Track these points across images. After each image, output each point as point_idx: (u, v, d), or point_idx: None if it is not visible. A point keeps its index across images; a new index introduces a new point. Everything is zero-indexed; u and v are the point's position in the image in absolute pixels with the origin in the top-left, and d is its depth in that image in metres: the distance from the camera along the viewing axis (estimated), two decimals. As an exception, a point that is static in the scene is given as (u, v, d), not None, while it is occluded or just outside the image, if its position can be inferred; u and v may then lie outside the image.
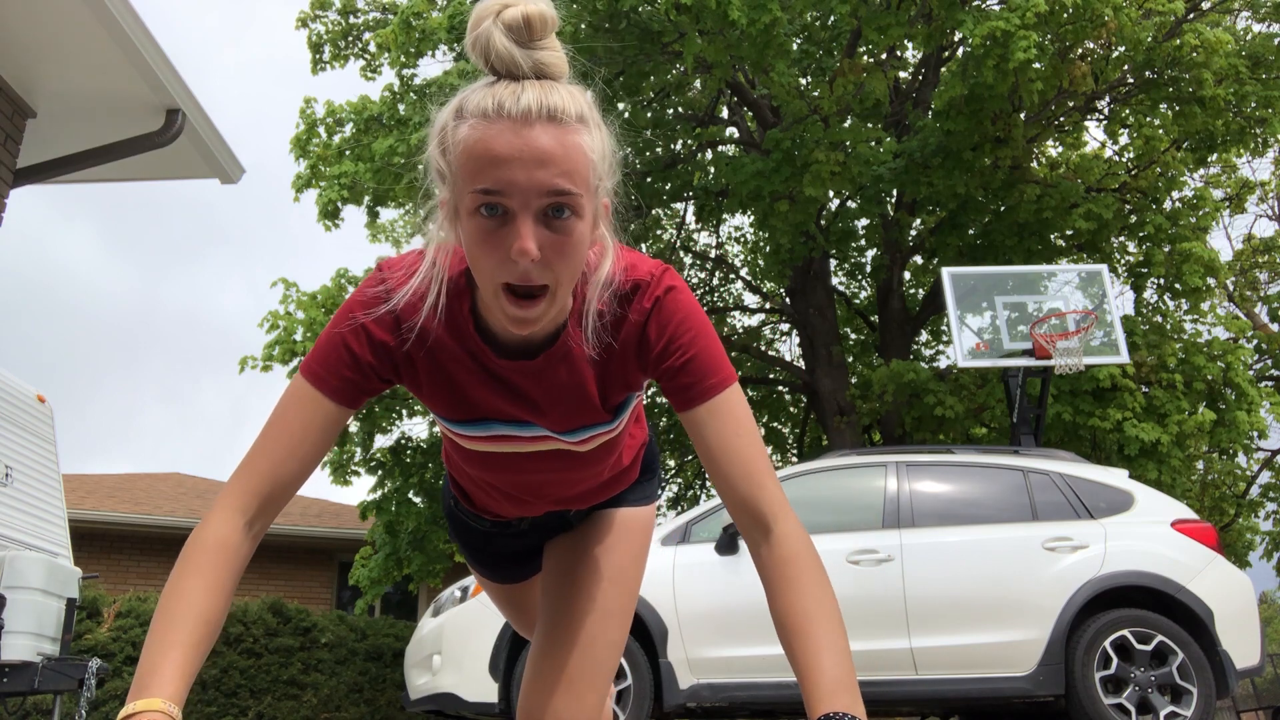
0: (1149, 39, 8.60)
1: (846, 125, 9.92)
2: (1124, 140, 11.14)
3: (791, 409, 13.77)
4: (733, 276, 13.94)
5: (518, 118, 0.95)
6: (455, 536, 1.60)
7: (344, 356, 1.11)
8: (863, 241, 12.63)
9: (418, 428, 10.62)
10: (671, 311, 1.13)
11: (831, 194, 10.57)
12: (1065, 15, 7.97)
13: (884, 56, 10.73)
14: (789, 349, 14.33)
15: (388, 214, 12.82)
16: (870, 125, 10.17)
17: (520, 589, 1.64)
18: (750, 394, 13.88)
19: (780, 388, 13.08)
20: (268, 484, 1.07)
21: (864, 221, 12.10)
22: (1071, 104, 10.10)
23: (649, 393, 11.51)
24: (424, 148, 1.08)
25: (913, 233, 11.41)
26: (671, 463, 13.16)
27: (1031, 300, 7.54)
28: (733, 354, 12.49)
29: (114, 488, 13.79)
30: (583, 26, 8.96)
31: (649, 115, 10.76)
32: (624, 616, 1.41)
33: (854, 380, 11.04)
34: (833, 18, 9.99)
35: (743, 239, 14.37)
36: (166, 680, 0.91)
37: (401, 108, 10.12)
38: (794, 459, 13.65)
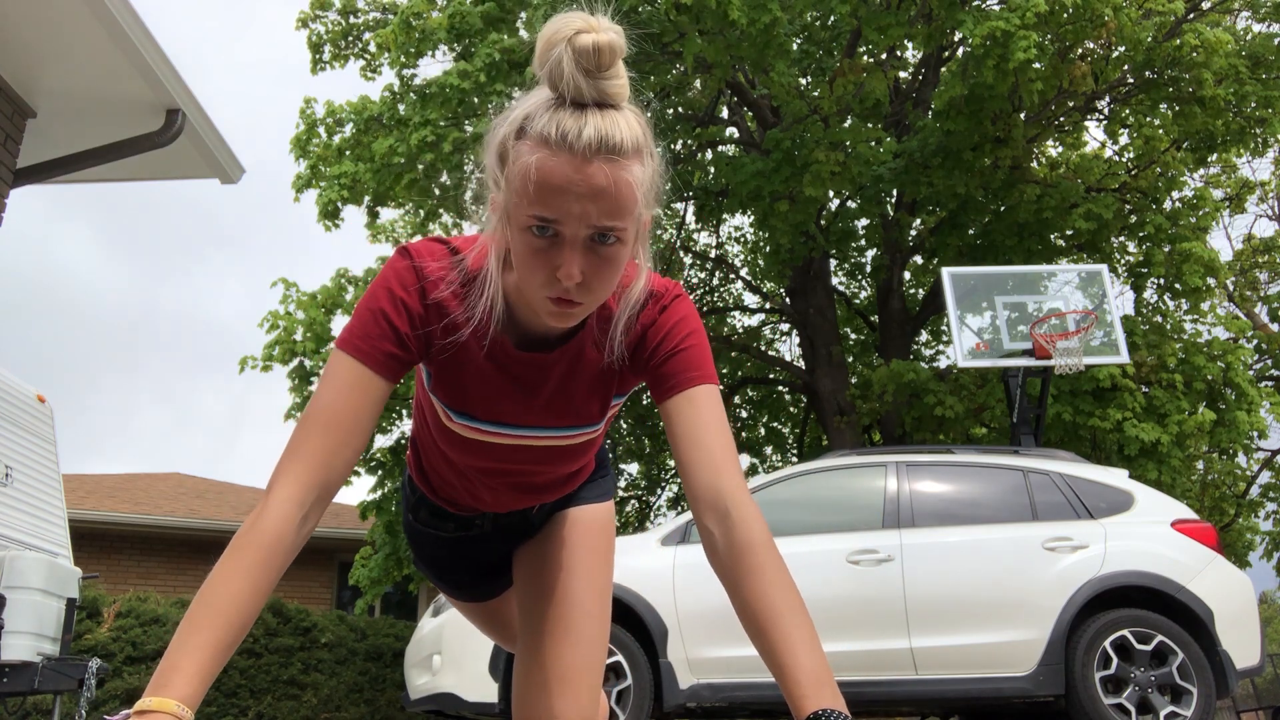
0: (1149, 39, 8.60)
1: (846, 125, 9.92)
2: (1124, 140, 11.15)
3: (791, 409, 13.77)
4: (733, 276, 13.94)
5: (579, 153, 0.99)
6: (419, 559, 1.60)
7: (385, 330, 1.12)
8: (863, 241, 12.63)
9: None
10: (673, 312, 1.21)
11: (831, 194, 10.57)
12: (1065, 15, 7.97)
13: (884, 56, 10.73)
14: (789, 349, 14.33)
15: (388, 214, 12.83)
16: (870, 125, 10.16)
17: (492, 607, 1.64)
18: (750, 394, 13.88)
19: (780, 388, 13.08)
20: (323, 473, 1.05)
21: (864, 221, 12.11)
22: (1071, 104, 10.10)
23: (644, 399, 11.45)
24: (478, 150, 1.16)
25: (913, 233, 11.41)
26: (672, 462, 13.15)
27: (1031, 300, 7.53)
28: (733, 354, 12.49)
29: (114, 488, 13.80)
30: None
31: (649, 115, 10.74)
32: (603, 613, 1.43)
33: (854, 380, 11.04)
34: (833, 18, 10.00)
35: (743, 239, 14.38)
36: (186, 680, 0.89)
37: (401, 108, 10.11)
38: (794, 459, 13.65)
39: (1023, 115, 9.59)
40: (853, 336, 13.54)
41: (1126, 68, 9.23)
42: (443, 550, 1.54)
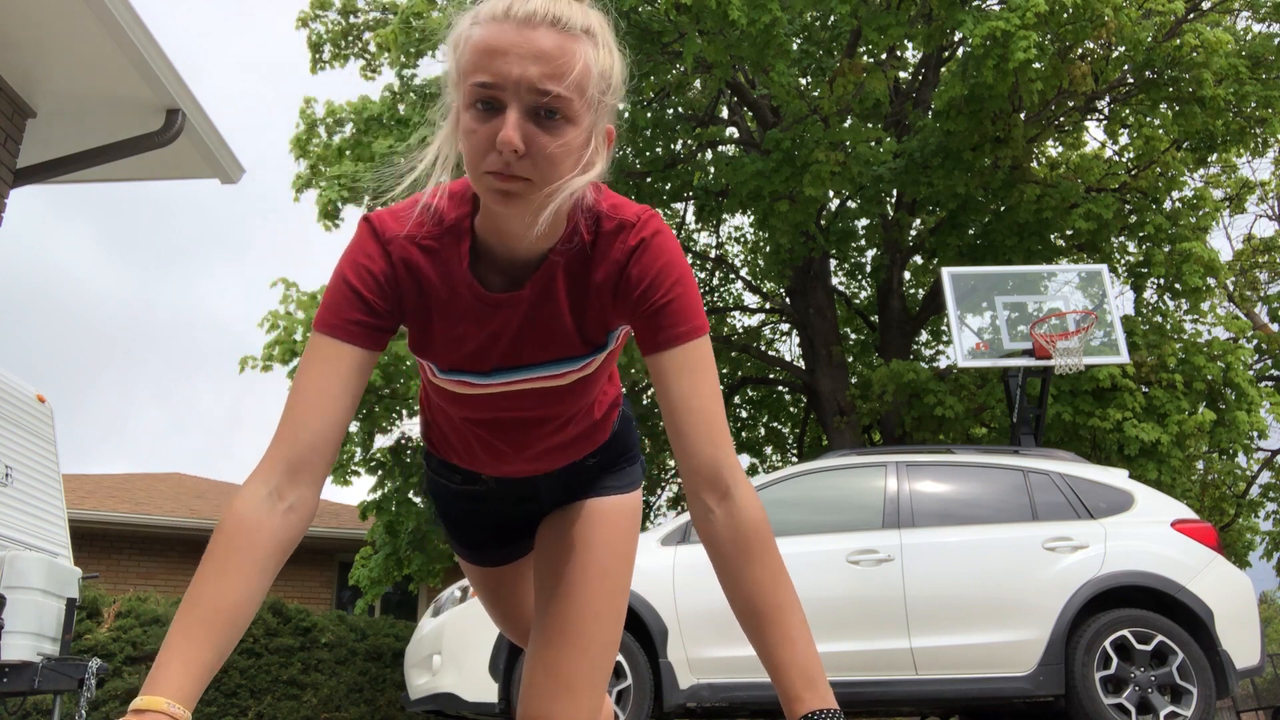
0: (1149, 39, 8.61)
1: (846, 125, 9.92)
2: (1124, 140, 11.15)
3: (791, 409, 13.76)
4: (733, 276, 13.93)
5: (522, 20, 1.00)
6: (437, 511, 1.60)
7: (350, 298, 1.11)
8: (863, 241, 12.63)
9: (418, 427, 10.63)
10: (656, 254, 1.14)
11: (831, 194, 10.57)
12: (1065, 15, 7.97)
13: (884, 56, 10.73)
14: (789, 349, 14.33)
15: (388, 214, 12.79)
16: (870, 125, 10.17)
17: (504, 579, 1.62)
18: (750, 394, 13.87)
19: (780, 388, 13.08)
20: (289, 448, 1.04)
21: (864, 221, 12.11)
22: (1071, 104, 10.10)
23: (644, 400, 11.46)
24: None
25: (913, 233, 11.40)
26: (672, 463, 13.15)
27: (1031, 300, 7.53)
28: (733, 354, 12.49)
29: (114, 488, 13.80)
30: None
31: (649, 115, 10.76)
32: (616, 615, 1.41)
33: (854, 380, 11.04)
34: (833, 18, 10.00)
35: (743, 239, 14.37)
36: (172, 676, 0.90)
37: (401, 108, 10.12)
38: (794, 459, 13.64)
39: (1023, 115, 9.59)
40: (853, 336, 13.54)
41: (1126, 68, 9.23)
42: (455, 504, 1.54)
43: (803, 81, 10.82)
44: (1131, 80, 9.51)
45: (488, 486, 1.48)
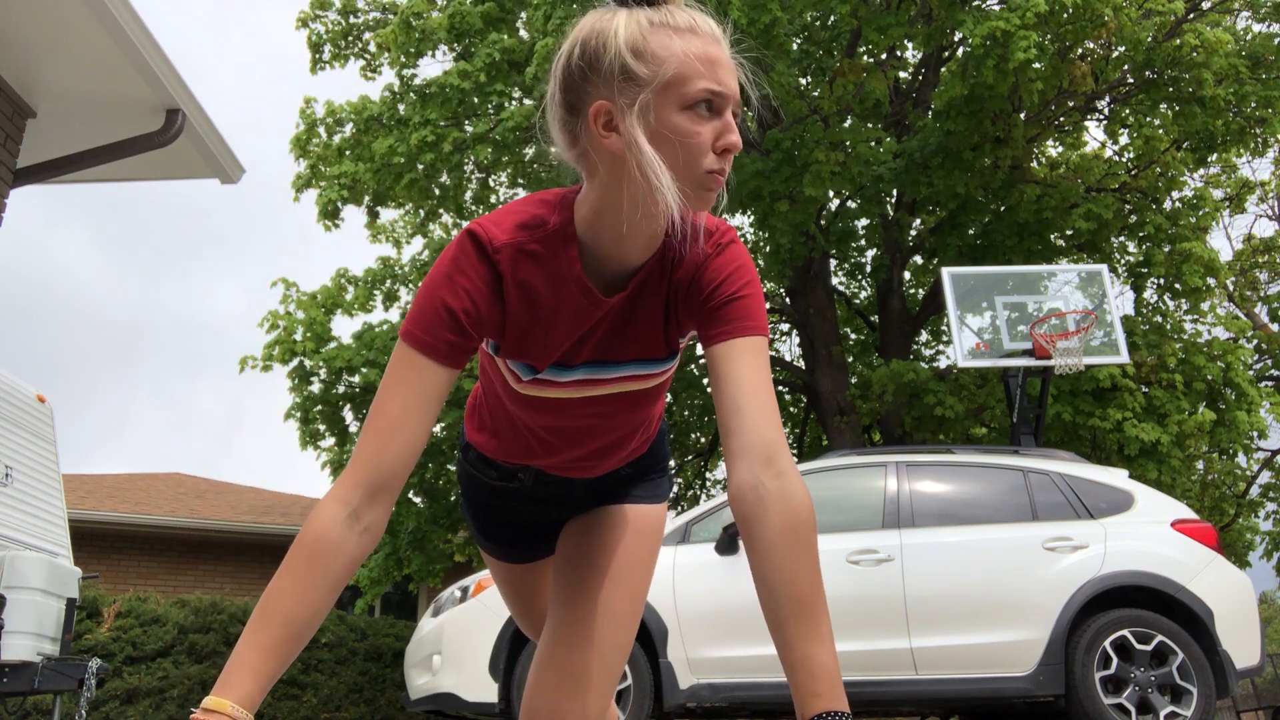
0: (1149, 39, 8.61)
1: (846, 125, 9.92)
2: (1124, 140, 11.15)
3: (791, 409, 13.76)
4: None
5: (716, 37, 1.10)
6: (465, 503, 1.61)
7: (444, 317, 1.11)
8: (863, 241, 12.63)
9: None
10: (732, 257, 1.20)
11: (831, 194, 10.56)
12: (1065, 15, 7.97)
13: (884, 56, 10.73)
14: (789, 349, 14.32)
15: (388, 214, 12.83)
16: (870, 125, 10.16)
17: (525, 576, 1.63)
18: (750, 394, 13.82)
19: (780, 388, 13.07)
20: (373, 472, 1.06)
21: (864, 221, 12.10)
22: (1071, 104, 10.10)
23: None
24: (591, 57, 1.10)
25: (913, 233, 11.40)
26: (672, 463, 13.14)
27: (1031, 300, 7.53)
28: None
29: (114, 488, 13.79)
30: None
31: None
32: (630, 619, 1.42)
33: (854, 380, 11.04)
34: (833, 18, 9.99)
35: (743, 239, 14.36)
36: (241, 681, 0.95)
37: (401, 108, 10.12)
38: (794, 459, 13.63)
39: (1023, 115, 9.59)
40: (853, 336, 13.53)
41: (1126, 68, 9.23)
42: (485, 498, 1.55)
43: (803, 81, 10.82)
44: (1131, 80, 9.51)
45: (522, 485, 1.48)
